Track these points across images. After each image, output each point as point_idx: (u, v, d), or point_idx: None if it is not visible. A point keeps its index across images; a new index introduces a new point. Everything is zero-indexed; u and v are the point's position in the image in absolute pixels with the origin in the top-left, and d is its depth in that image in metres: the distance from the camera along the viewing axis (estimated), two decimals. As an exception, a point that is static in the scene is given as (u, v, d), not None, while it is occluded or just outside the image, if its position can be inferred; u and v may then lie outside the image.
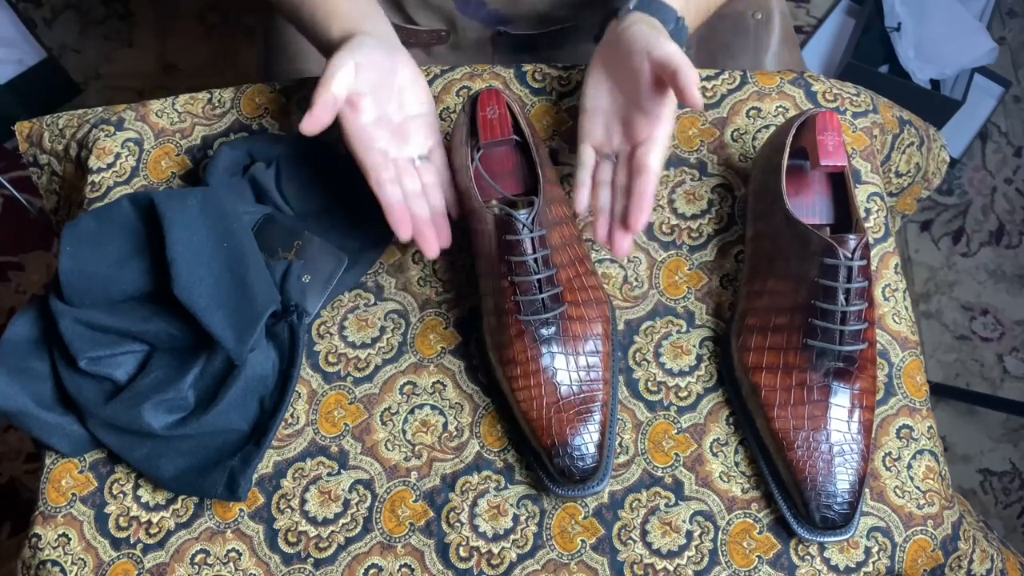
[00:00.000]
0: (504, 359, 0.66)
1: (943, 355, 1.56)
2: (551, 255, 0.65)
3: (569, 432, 0.63)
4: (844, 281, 0.61)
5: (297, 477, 0.68)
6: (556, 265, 0.65)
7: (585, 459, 0.63)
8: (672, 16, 0.68)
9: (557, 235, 0.67)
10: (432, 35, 0.90)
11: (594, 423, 0.64)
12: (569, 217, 0.70)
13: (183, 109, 0.81)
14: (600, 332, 0.66)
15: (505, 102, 0.70)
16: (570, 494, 0.64)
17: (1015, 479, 1.48)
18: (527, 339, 0.65)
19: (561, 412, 0.64)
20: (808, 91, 0.80)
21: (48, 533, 0.67)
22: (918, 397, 0.70)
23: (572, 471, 0.63)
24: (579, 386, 0.65)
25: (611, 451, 0.66)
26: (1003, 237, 1.64)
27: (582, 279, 0.67)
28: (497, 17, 0.87)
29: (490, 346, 0.68)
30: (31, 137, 0.83)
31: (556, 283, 0.65)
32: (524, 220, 0.63)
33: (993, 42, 1.55)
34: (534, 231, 0.63)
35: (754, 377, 0.66)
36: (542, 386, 0.64)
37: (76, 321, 0.68)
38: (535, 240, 0.64)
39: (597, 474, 0.64)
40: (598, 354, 0.66)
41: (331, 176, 0.75)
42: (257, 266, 0.68)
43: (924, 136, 0.85)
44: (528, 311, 0.64)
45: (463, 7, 0.85)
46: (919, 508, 0.66)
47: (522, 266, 0.64)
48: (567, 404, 0.64)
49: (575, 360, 0.65)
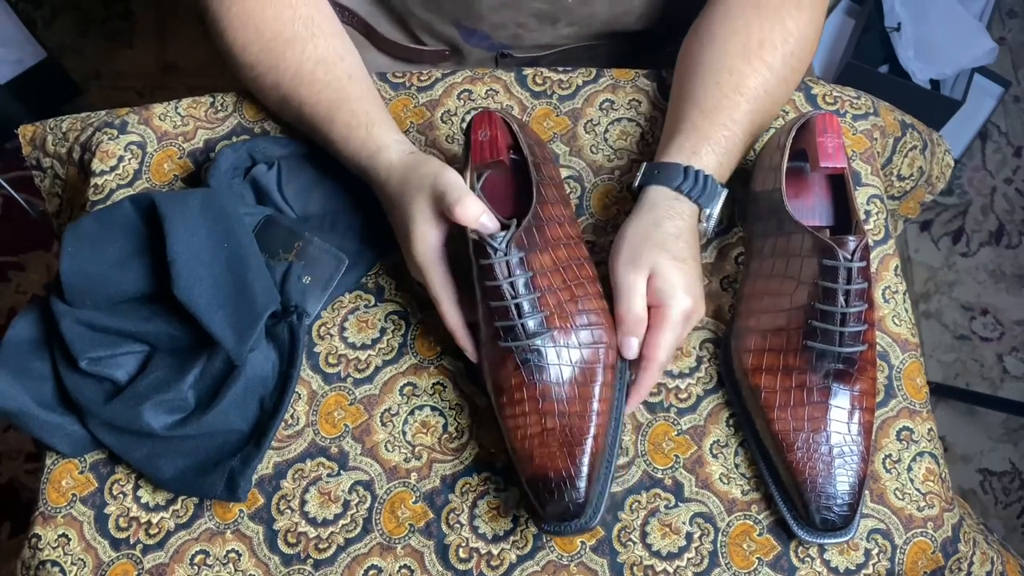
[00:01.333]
0: (494, 384, 0.64)
1: (943, 355, 1.56)
2: (535, 278, 0.62)
3: (551, 467, 0.60)
4: (844, 283, 0.61)
5: (297, 478, 0.68)
6: (542, 289, 0.62)
7: (568, 494, 0.59)
8: (677, 172, 0.68)
9: (548, 257, 0.63)
10: (437, 54, 0.90)
11: (582, 458, 0.60)
12: (573, 237, 0.67)
13: (186, 112, 0.81)
14: (595, 360, 0.63)
15: (498, 123, 0.67)
16: (552, 531, 0.61)
17: (1015, 479, 1.48)
18: (510, 365, 0.62)
19: (546, 445, 0.61)
20: (808, 94, 0.80)
21: (48, 533, 0.67)
22: (918, 399, 0.70)
23: (553, 506, 0.60)
24: (567, 418, 0.61)
25: (605, 486, 0.63)
26: (1003, 237, 1.65)
27: (578, 303, 0.64)
28: (501, 47, 0.88)
29: (485, 374, 0.66)
30: (34, 140, 0.84)
31: (540, 308, 0.62)
32: (496, 244, 0.60)
33: (993, 42, 1.55)
34: (509, 255, 0.61)
35: (754, 379, 0.66)
36: (527, 415, 0.61)
37: (77, 321, 0.68)
38: (511, 263, 0.61)
39: (585, 511, 0.60)
40: (593, 384, 0.62)
41: (332, 178, 0.76)
42: (257, 267, 0.68)
43: (928, 140, 0.85)
44: (508, 337, 0.61)
45: (467, 37, 0.85)
46: (919, 510, 0.66)
47: (496, 291, 0.61)
48: (551, 435, 0.61)
49: (564, 389, 0.62)
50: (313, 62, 0.73)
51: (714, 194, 0.68)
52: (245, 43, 0.74)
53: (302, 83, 0.73)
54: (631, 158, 0.78)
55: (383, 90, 0.81)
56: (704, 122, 0.70)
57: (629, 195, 0.76)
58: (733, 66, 0.71)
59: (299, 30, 0.73)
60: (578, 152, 0.78)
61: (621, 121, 0.80)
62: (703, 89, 0.71)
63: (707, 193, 0.68)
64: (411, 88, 0.81)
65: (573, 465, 0.60)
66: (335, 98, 0.72)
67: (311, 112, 0.73)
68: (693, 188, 0.67)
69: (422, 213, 0.65)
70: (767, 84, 0.71)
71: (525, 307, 0.61)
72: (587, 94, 0.80)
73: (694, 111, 0.70)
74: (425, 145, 0.79)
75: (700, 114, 0.70)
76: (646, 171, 0.70)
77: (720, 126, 0.70)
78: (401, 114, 0.80)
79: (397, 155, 0.69)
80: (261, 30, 0.73)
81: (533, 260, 0.62)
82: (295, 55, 0.73)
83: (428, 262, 0.65)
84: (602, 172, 0.78)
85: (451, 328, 0.66)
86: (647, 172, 0.69)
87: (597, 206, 0.76)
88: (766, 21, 0.72)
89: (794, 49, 0.72)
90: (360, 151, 0.70)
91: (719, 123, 0.70)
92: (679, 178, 0.67)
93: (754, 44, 0.71)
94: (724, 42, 0.72)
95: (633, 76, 0.81)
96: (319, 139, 0.74)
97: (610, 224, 0.75)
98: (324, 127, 0.72)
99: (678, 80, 0.75)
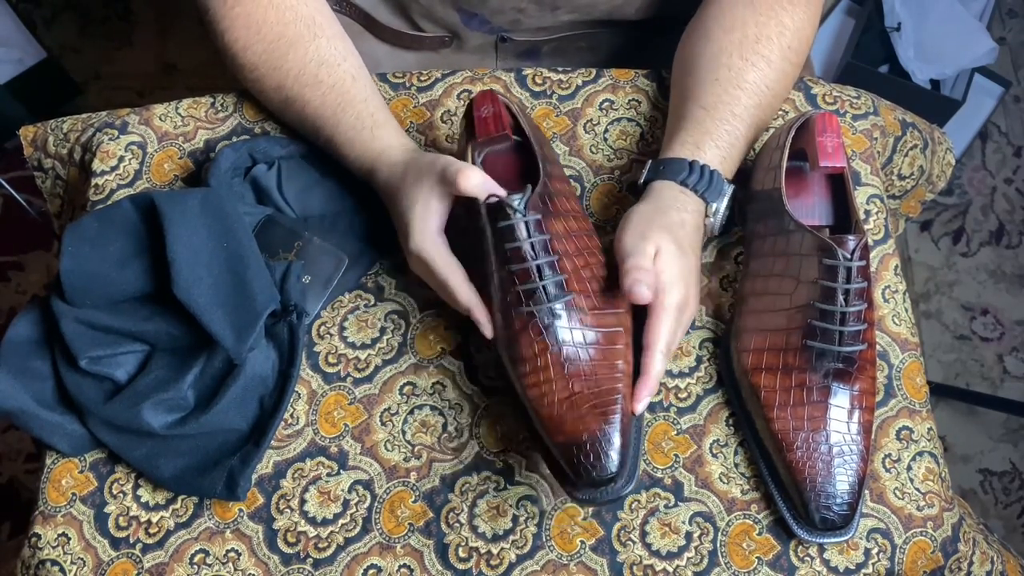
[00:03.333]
0: (513, 357, 0.63)
1: (943, 355, 1.56)
2: (552, 241, 0.62)
3: (584, 429, 0.59)
4: (843, 282, 0.61)
5: (297, 477, 0.68)
6: (559, 252, 0.62)
7: (602, 458, 0.58)
8: (681, 166, 0.68)
9: (561, 224, 0.64)
10: (437, 41, 0.90)
11: (614, 418, 0.59)
12: (580, 213, 0.67)
13: (186, 113, 0.81)
14: (617, 324, 0.62)
15: (500, 101, 0.68)
16: (589, 499, 0.60)
17: (1015, 479, 1.48)
18: (532, 332, 0.61)
19: (576, 408, 0.59)
20: (808, 94, 0.80)
21: (48, 533, 0.67)
22: (918, 399, 0.70)
23: (588, 471, 0.58)
24: (594, 380, 0.60)
25: (637, 450, 0.62)
26: (1003, 237, 1.65)
27: (593, 269, 0.64)
28: (501, 31, 0.88)
29: (501, 347, 0.65)
30: (35, 141, 0.84)
31: (559, 270, 0.62)
32: (515, 205, 0.61)
33: (993, 42, 1.55)
34: (527, 216, 0.61)
35: (753, 378, 0.66)
36: (553, 381, 0.60)
37: (77, 321, 0.68)
38: (529, 224, 0.61)
39: (621, 475, 0.59)
40: (616, 347, 0.62)
41: (332, 178, 0.76)
42: (257, 266, 0.68)
43: (928, 139, 0.85)
44: (530, 301, 0.61)
45: (467, 21, 0.86)
46: (919, 510, 0.66)
47: (517, 253, 0.61)
48: (581, 398, 0.60)
49: (588, 351, 0.61)
50: (316, 64, 0.73)
51: (720, 189, 0.68)
52: (247, 44, 0.74)
53: (305, 85, 0.73)
54: (631, 158, 0.78)
55: (383, 90, 0.81)
56: (705, 117, 0.70)
57: (629, 195, 0.76)
58: (731, 62, 0.71)
59: (301, 31, 0.73)
60: (578, 152, 0.78)
61: (621, 121, 0.80)
62: (702, 86, 0.71)
63: (713, 188, 0.68)
64: (411, 88, 0.81)
65: (608, 426, 0.59)
66: (339, 101, 0.72)
67: (315, 114, 0.73)
68: (699, 182, 0.67)
69: (422, 200, 0.65)
70: (766, 79, 0.71)
71: (546, 270, 0.61)
72: (587, 94, 0.80)
73: (695, 107, 0.71)
74: (425, 145, 0.79)
75: (701, 110, 0.70)
76: (651, 167, 0.70)
77: (721, 121, 0.70)
78: (401, 114, 0.80)
79: (400, 154, 0.69)
80: (263, 31, 0.73)
81: (549, 224, 0.62)
82: (297, 56, 0.73)
83: (430, 246, 0.65)
84: (602, 172, 0.78)
85: (465, 304, 0.65)
86: (652, 168, 0.69)
87: (597, 206, 0.76)
88: (761, 16, 0.72)
89: (791, 43, 0.72)
90: (364, 153, 0.70)
91: (720, 118, 0.70)
92: (684, 172, 0.67)
93: (751, 39, 0.71)
94: (720, 39, 0.72)
95: (633, 76, 0.81)
96: (322, 141, 0.74)
97: (610, 224, 0.75)
98: (328, 130, 0.72)
99: (677, 78, 0.75)
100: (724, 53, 0.71)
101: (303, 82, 0.73)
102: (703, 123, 0.70)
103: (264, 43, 0.73)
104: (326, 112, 0.72)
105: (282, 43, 0.73)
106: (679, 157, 0.68)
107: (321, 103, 0.72)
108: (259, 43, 0.73)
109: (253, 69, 0.74)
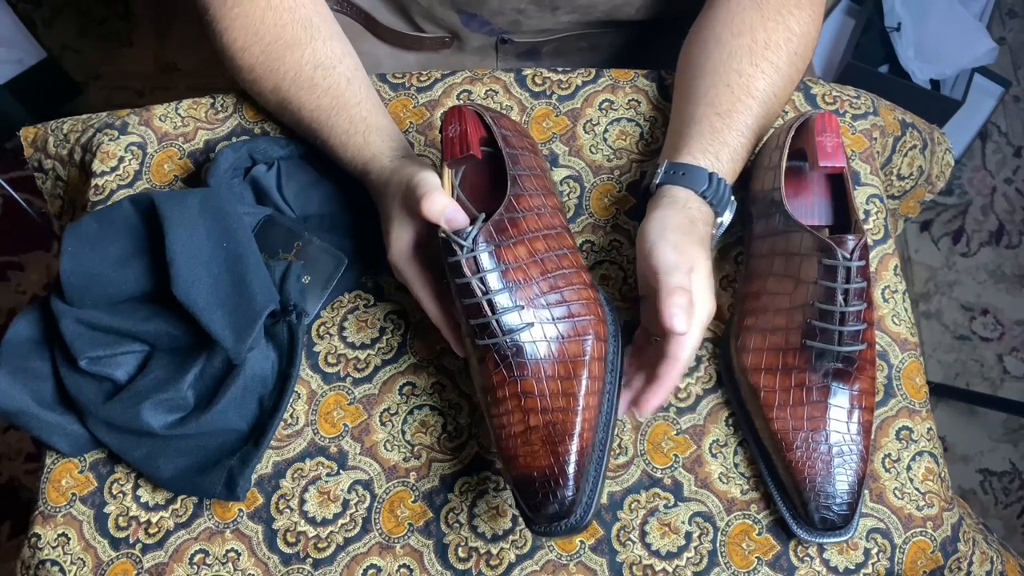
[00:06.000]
0: (478, 384, 0.62)
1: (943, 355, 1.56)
2: (509, 272, 0.59)
3: (534, 466, 0.58)
4: (843, 282, 0.61)
5: (296, 477, 0.68)
6: (518, 282, 0.60)
7: (554, 494, 0.57)
8: (702, 177, 0.66)
9: (524, 249, 0.61)
10: (437, 41, 0.90)
11: (568, 455, 0.58)
12: (555, 228, 0.64)
13: (186, 113, 0.81)
14: (579, 353, 0.60)
15: (468, 117, 0.64)
16: (544, 531, 0.59)
17: (1015, 479, 1.48)
18: (490, 363, 0.60)
19: (529, 443, 0.58)
20: (807, 94, 0.80)
21: (48, 533, 0.67)
22: (917, 399, 0.70)
23: (538, 509, 0.57)
24: (551, 413, 0.59)
25: (597, 484, 0.60)
26: (1003, 237, 1.65)
27: (560, 294, 0.61)
28: (501, 32, 0.88)
29: (472, 369, 0.64)
30: (36, 143, 0.84)
31: (517, 300, 0.59)
32: (461, 240, 0.58)
33: (993, 42, 1.55)
34: (476, 250, 0.58)
35: (753, 378, 0.66)
36: (511, 413, 0.59)
37: (77, 321, 0.68)
38: (479, 259, 0.58)
39: (574, 511, 0.58)
40: (578, 378, 0.60)
41: (332, 179, 0.76)
42: (256, 266, 0.68)
43: (928, 139, 0.85)
44: (484, 335, 0.59)
45: (467, 22, 0.86)
46: (918, 510, 0.66)
47: (466, 288, 0.59)
48: (535, 433, 0.58)
49: (547, 384, 0.59)
50: (311, 67, 0.73)
51: (727, 202, 0.68)
52: (244, 45, 0.74)
53: (301, 88, 0.73)
54: (630, 158, 0.78)
55: (382, 91, 0.81)
56: (722, 125, 0.69)
57: (629, 195, 0.76)
58: (741, 67, 0.71)
59: (298, 33, 0.73)
60: (577, 152, 0.78)
61: (620, 121, 0.80)
62: (715, 91, 0.70)
63: (723, 201, 0.67)
64: (411, 88, 0.81)
65: (558, 463, 0.58)
66: (333, 104, 0.72)
67: (310, 117, 0.73)
68: (715, 195, 0.67)
69: (397, 215, 0.65)
70: (775, 86, 0.71)
71: (498, 303, 0.59)
72: (586, 94, 0.80)
73: (710, 112, 0.70)
74: (425, 145, 0.79)
75: (717, 117, 0.70)
76: (667, 170, 0.68)
77: (737, 132, 0.69)
78: (401, 114, 0.80)
79: (389, 161, 0.69)
80: (261, 32, 0.73)
81: (506, 253, 0.60)
82: (294, 59, 0.73)
83: (402, 262, 0.65)
84: (601, 172, 0.78)
85: (436, 324, 0.65)
86: (668, 171, 0.68)
87: (596, 206, 0.76)
88: (769, 21, 0.72)
89: (797, 48, 0.72)
90: (356, 158, 0.70)
91: (736, 129, 0.69)
92: (704, 183, 0.67)
93: (760, 45, 0.71)
94: (730, 42, 0.72)
95: (632, 76, 0.81)
96: (318, 143, 0.74)
97: (610, 224, 0.75)
98: (323, 133, 0.72)
99: (684, 81, 0.75)
100: (734, 58, 0.71)
101: (299, 85, 0.73)
102: (720, 132, 0.69)
103: (262, 44, 0.73)
104: (321, 116, 0.72)
105: (279, 45, 0.73)
106: (699, 166, 0.67)
107: (316, 106, 0.72)
108: (257, 44, 0.73)
109: (251, 70, 0.74)
